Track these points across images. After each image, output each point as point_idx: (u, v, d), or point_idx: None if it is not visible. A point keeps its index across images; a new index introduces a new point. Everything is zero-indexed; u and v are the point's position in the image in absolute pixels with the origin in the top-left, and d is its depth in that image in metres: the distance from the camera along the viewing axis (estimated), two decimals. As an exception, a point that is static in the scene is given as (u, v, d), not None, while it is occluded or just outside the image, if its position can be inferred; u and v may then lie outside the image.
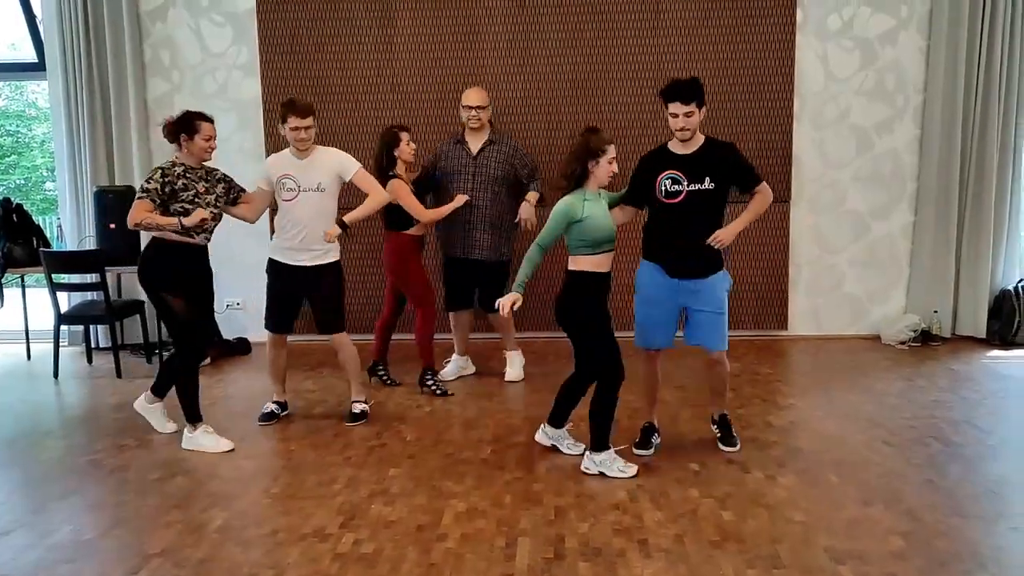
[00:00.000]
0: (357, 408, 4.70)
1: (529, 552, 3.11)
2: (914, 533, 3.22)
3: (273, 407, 4.77)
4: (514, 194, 5.34)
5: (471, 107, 5.22)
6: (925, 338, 6.32)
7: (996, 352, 6.10)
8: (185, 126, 4.18)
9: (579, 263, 3.79)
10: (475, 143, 5.28)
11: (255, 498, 3.69)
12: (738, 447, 4.12)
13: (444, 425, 4.62)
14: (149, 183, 4.10)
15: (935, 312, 6.40)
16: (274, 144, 6.42)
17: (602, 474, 3.81)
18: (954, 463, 3.96)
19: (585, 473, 3.83)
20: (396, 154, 4.95)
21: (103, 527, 3.42)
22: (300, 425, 4.69)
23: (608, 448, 3.84)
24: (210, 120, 4.26)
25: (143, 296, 6.38)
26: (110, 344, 5.97)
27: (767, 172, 6.15)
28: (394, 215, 5.01)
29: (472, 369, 5.64)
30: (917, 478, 3.77)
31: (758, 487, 3.70)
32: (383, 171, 4.94)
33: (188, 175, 4.17)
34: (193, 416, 4.31)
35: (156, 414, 4.52)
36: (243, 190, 4.54)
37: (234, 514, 3.51)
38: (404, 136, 4.97)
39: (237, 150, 6.56)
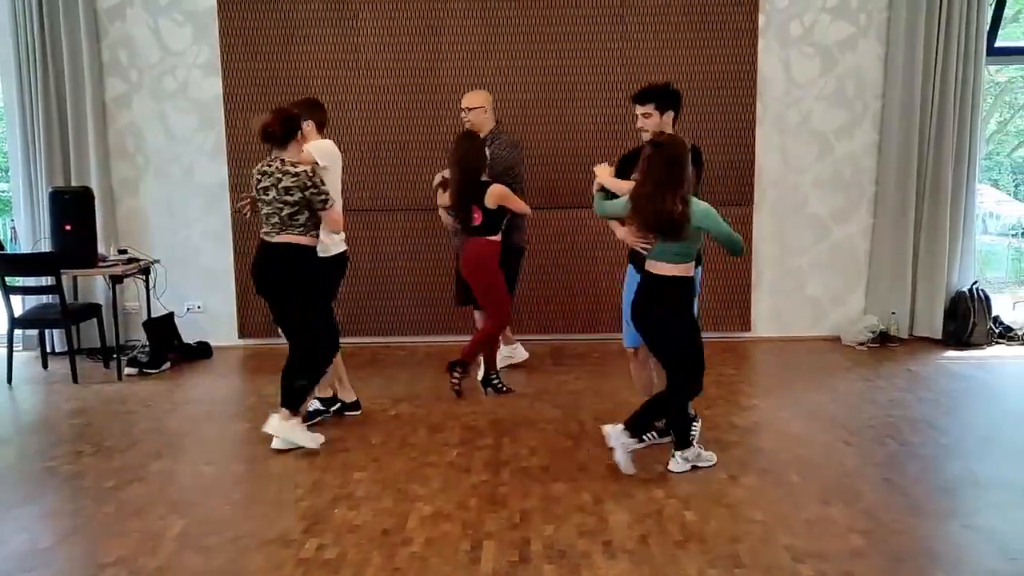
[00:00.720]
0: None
1: (494, 555, 3.11)
2: (872, 532, 3.27)
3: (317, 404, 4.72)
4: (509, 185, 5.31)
5: (462, 108, 5.33)
6: (884, 339, 6.43)
7: (952, 353, 6.22)
8: (299, 124, 4.15)
9: (677, 269, 3.73)
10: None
11: (216, 504, 3.64)
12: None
13: (409, 428, 4.59)
14: (324, 184, 4.11)
15: (893, 313, 6.51)
16: (236, 144, 6.36)
17: (695, 467, 3.88)
18: (911, 462, 4.03)
19: (675, 472, 3.87)
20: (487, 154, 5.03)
21: (59, 535, 3.35)
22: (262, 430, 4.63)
23: (692, 444, 3.92)
24: None
25: (100, 299, 6.31)
26: (66, 348, 5.86)
27: (730, 176, 6.30)
28: (489, 217, 4.98)
29: (524, 354, 5.72)
30: (876, 477, 3.83)
31: (721, 487, 3.73)
32: (480, 174, 4.95)
33: None
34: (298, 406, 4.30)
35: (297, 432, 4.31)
36: None
37: (194, 521, 3.46)
38: None
39: (198, 151, 6.48)
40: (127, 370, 5.84)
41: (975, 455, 4.15)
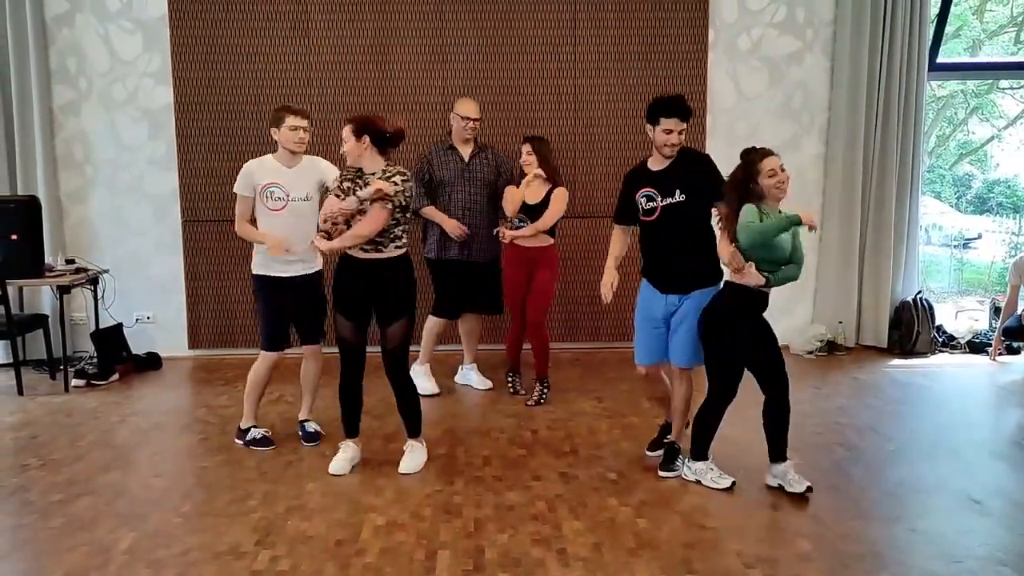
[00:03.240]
0: (311, 428, 4.61)
1: (448, 565, 3.11)
2: (820, 536, 3.35)
3: (262, 432, 4.54)
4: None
5: (470, 119, 5.30)
6: (831, 348, 6.57)
7: (896, 361, 6.38)
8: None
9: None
10: (465, 151, 5.37)
11: (166, 517, 3.58)
12: (677, 473, 4.04)
13: (363, 439, 4.55)
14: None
15: (840, 323, 6.66)
16: (186, 153, 6.29)
17: (698, 482, 3.88)
18: (857, 468, 4.12)
19: (684, 480, 3.92)
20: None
21: (3, 551, 3.27)
22: (214, 441, 4.57)
23: (707, 458, 3.92)
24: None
25: (47, 310, 6.18)
26: (11, 360, 5.72)
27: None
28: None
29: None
30: (823, 483, 3.91)
31: (673, 494, 3.78)
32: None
33: None
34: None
35: None
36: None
37: (143, 534, 3.40)
38: None
39: (148, 160, 6.39)
40: (74, 382, 5.73)
41: (919, 461, 4.26)
